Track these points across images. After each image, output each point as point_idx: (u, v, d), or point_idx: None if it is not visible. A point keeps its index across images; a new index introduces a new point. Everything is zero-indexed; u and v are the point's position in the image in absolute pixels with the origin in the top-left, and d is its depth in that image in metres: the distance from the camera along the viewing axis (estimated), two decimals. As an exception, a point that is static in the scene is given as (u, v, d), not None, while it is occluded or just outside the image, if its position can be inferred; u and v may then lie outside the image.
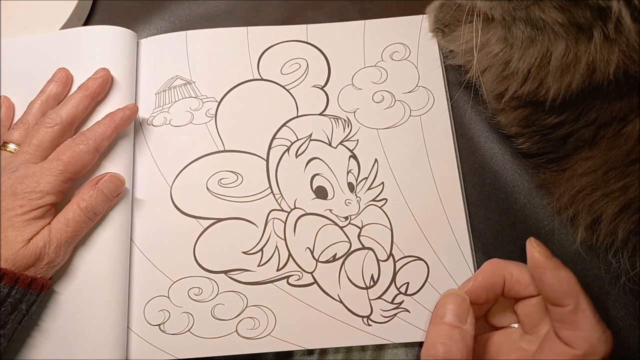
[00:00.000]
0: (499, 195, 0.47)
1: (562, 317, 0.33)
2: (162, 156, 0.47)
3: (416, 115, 0.48)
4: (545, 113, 0.41)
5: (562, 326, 0.33)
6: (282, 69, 0.50)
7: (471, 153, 0.48)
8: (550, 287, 0.34)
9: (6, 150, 0.43)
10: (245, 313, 0.43)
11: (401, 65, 0.50)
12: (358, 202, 0.46)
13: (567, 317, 0.32)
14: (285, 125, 0.48)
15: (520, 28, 0.37)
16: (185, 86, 0.49)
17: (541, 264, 0.35)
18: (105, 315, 0.41)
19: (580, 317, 0.32)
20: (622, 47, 0.33)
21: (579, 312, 0.32)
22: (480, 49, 0.41)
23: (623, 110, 0.38)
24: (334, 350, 0.43)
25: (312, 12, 0.54)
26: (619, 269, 0.43)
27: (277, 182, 0.46)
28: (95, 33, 0.49)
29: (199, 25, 0.52)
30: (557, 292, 0.33)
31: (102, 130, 0.43)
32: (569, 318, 0.32)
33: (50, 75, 0.47)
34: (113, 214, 0.44)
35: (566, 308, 0.33)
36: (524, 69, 0.38)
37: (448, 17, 0.48)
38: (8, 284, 0.36)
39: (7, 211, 0.39)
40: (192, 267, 0.44)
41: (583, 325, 0.32)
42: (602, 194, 0.40)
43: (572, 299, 0.33)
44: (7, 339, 0.37)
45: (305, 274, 0.44)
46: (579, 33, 0.34)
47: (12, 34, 0.51)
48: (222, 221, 0.45)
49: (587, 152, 0.41)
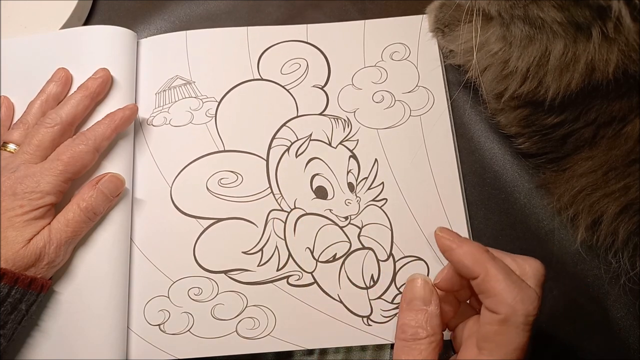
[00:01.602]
0: (499, 195, 0.47)
1: (479, 288, 0.34)
2: (162, 156, 0.47)
3: (416, 115, 0.48)
4: (545, 113, 0.41)
5: (483, 296, 0.34)
6: (282, 69, 0.50)
7: (471, 153, 0.48)
8: (460, 264, 0.36)
9: (6, 150, 0.43)
10: (245, 313, 0.43)
11: (401, 65, 0.50)
12: (358, 202, 0.46)
13: (482, 287, 0.34)
14: (285, 125, 0.48)
15: (518, 26, 0.37)
16: (185, 86, 0.49)
17: (447, 246, 0.37)
18: (105, 315, 0.41)
19: (492, 283, 0.33)
20: (622, 46, 0.33)
21: (490, 279, 0.34)
22: (480, 48, 0.41)
23: (623, 110, 0.38)
24: (334, 350, 0.43)
25: (312, 12, 0.54)
26: (619, 269, 0.43)
27: (277, 182, 0.46)
28: (95, 33, 0.49)
29: (199, 25, 0.52)
30: (466, 267, 0.35)
31: (102, 131, 0.43)
32: (484, 287, 0.34)
33: (50, 75, 0.47)
34: (113, 214, 0.44)
35: (479, 278, 0.34)
36: (523, 67, 0.38)
37: (448, 17, 0.48)
38: (8, 283, 0.36)
39: (7, 211, 0.39)
40: (192, 267, 0.44)
41: (496, 290, 0.33)
42: (602, 194, 0.40)
43: (481, 268, 0.34)
44: (6, 339, 0.37)
45: (305, 274, 0.44)
46: (578, 32, 0.34)
47: (12, 34, 0.51)
48: (222, 221, 0.45)
49: (587, 152, 0.41)
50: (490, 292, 0.33)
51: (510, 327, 0.32)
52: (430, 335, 0.35)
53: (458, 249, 0.36)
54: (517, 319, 0.32)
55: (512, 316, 0.32)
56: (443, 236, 0.37)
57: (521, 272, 0.36)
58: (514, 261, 0.36)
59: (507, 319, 0.32)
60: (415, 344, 0.35)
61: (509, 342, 0.32)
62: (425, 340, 0.35)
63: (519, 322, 0.32)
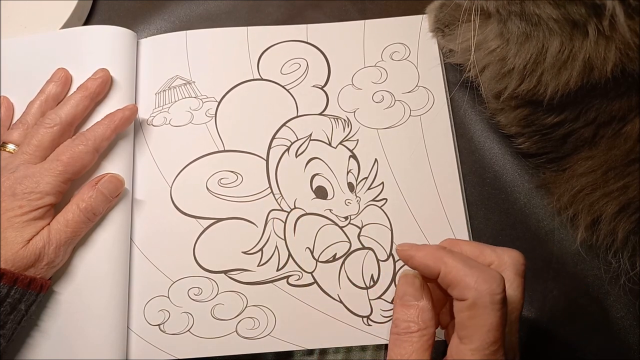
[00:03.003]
0: (499, 195, 0.47)
1: (444, 282, 0.35)
2: (162, 156, 0.47)
3: (416, 115, 0.48)
4: (545, 112, 0.41)
5: (450, 289, 0.35)
6: (282, 68, 0.50)
7: (471, 153, 0.48)
8: (422, 267, 0.37)
9: (5, 150, 0.43)
10: (245, 313, 0.43)
11: (401, 65, 0.50)
12: (358, 202, 0.46)
13: (446, 280, 0.35)
14: (285, 125, 0.48)
15: (515, 23, 0.37)
16: (185, 86, 0.49)
17: (407, 256, 0.38)
18: (105, 315, 0.41)
19: (453, 273, 0.34)
20: (619, 44, 0.33)
21: (450, 270, 0.34)
22: (478, 46, 0.41)
23: (622, 109, 0.38)
24: (334, 350, 0.43)
25: (312, 12, 0.54)
26: (619, 269, 0.43)
27: (277, 182, 0.46)
28: (95, 33, 0.49)
29: (199, 25, 0.52)
30: (428, 267, 0.36)
31: (101, 131, 0.43)
32: (447, 279, 0.35)
33: (49, 75, 0.47)
34: (113, 214, 0.44)
35: (441, 273, 0.35)
36: (520, 65, 0.38)
37: (448, 17, 0.48)
38: (7, 284, 0.36)
39: (6, 212, 0.39)
40: (192, 267, 0.44)
41: (458, 278, 0.34)
42: (602, 194, 0.40)
43: (440, 263, 0.35)
44: (6, 339, 0.37)
45: (305, 274, 0.44)
46: (574, 29, 0.34)
47: (12, 34, 0.51)
48: (222, 221, 0.45)
49: (587, 152, 0.41)
50: (454, 282, 0.34)
51: (480, 308, 0.33)
52: (422, 329, 0.36)
53: (417, 255, 0.37)
54: (484, 300, 0.33)
55: (479, 298, 0.33)
56: (402, 249, 0.38)
57: (500, 262, 0.36)
58: (494, 252, 0.37)
59: (474, 302, 0.33)
60: (407, 337, 0.36)
61: (483, 324, 0.33)
62: (417, 333, 0.36)
63: (487, 302, 0.32)
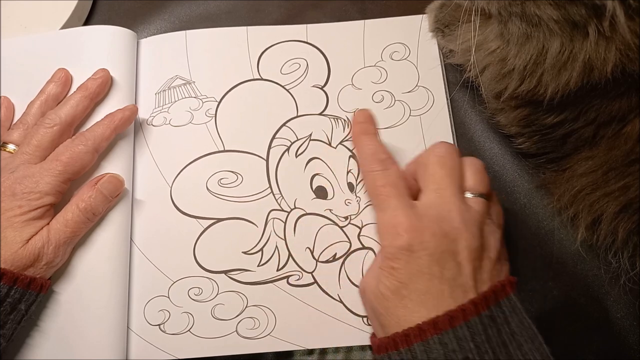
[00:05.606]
0: (499, 195, 0.47)
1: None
2: (162, 156, 0.47)
3: (416, 115, 0.48)
4: (545, 112, 0.41)
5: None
6: (282, 68, 0.50)
7: (471, 153, 0.48)
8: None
9: (5, 150, 0.43)
10: (245, 313, 0.43)
11: (401, 65, 0.50)
12: (358, 202, 0.46)
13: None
14: (285, 125, 0.48)
15: (515, 24, 0.37)
16: (185, 86, 0.49)
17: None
18: (105, 315, 0.41)
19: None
20: (619, 45, 0.33)
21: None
22: (478, 46, 0.41)
23: (622, 109, 0.38)
24: (334, 350, 0.43)
25: (312, 12, 0.54)
26: (619, 269, 0.43)
27: (277, 182, 0.46)
28: (95, 33, 0.49)
29: (199, 25, 0.52)
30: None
31: (101, 131, 0.43)
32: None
33: (50, 75, 0.47)
34: (113, 214, 0.44)
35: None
36: (520, 65, 0.38)
37: (448, 17, 0.48)
38: (7, 283, 0.36)
39: (6, 212, 0.39)
40: (192, 267, 0.44)
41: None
42: (602, 194, 0.40)
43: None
44: (6, 339, 0.37)
45: (305, 274, 0.44)
46: (574, 30, 0.34)
47: (12, 34, 0.51)
48: (222, 221, 0.45)
49: (587, 152, 0.41)
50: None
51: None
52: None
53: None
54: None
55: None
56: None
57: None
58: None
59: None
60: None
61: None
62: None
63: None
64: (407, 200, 0.38)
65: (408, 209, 0.37)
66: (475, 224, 0.37)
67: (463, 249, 0.36)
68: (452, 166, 0.39)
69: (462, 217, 0.37)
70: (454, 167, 0.39)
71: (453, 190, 0.38)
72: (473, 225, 0.37)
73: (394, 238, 0.36)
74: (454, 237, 0.36)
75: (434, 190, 0.38)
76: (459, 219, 0.37)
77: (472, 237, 0.36)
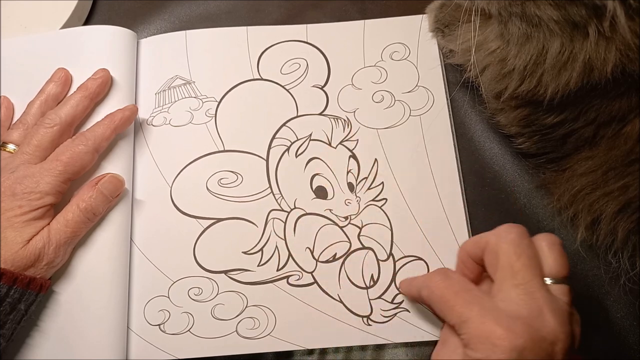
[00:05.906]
0: (499, 196, 0.47)
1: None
2: (162, 156, 0.47)
3: (416, 115, 0.48)
4: (545, 112, 0.41)
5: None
6: (282, 68, 0.50)
7: (471, 153, 0.48)
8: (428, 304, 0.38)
9: (5, 150, 0.43)
10: (245, 313, 0.43)
11: (401, 65, 0.50)
12: (358, 202, 0.46)
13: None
14: (285, 125, 0.48)
15: (516, 24, 0.37)
16: (185, 86, 0.49)
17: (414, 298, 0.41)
18: (105, 315, 0.41)
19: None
20: (619, 45, 0.33)
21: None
22: (478, 47, 0.41)
23: (622, 109, 0.38)
24: (334, 350, 0.43)
25: (312, 12, 0.54)
26: (619, 269, 0.43)
27: (277, 182, 0.46)
28: (95, 33, 0.49)
29: (199, 25, 0.52)
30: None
31: (101, 131, 0.43)
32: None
33: (50, 75, 0.47)
34: (113, 215, 0.44)
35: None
36: (520, 65, 0.38)
37: (448, 17, 0.48)
38: (6, 283, 0.36)
39: (6, 212, 0.39)
40: (192, 267, 0.44)
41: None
42: (602, 194, 0.40)
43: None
44: (6, 339, 0.37)
45: (305, 274, 0.44)
46: (574, 31, 0.34)
47: (12, 34, 0.51)
48: (222, 221, 0.45)
49: (587, 152, 0.41)
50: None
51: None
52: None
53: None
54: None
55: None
56: (402, 290, 0.42)
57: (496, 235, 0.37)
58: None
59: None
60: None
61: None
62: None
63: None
64: (489, 302, 0.34)
65: (495, 311, 0.33)
66: (567, 321, 0.34)
67: (560, 351, 0.33)
68: (530, 255, 0.35)
69: (555, 315, 0.33)
70: (532, 256, 0.35)
71: (538, 284, 0.34)
72: (566, 324, 0.33)
73: (492, 351, 0.32)
74: (551, 340, 0.32)
75: (516, 285, 0.34)
76: (554, 319, 0.33)
77: (568, 338, 0.33)
